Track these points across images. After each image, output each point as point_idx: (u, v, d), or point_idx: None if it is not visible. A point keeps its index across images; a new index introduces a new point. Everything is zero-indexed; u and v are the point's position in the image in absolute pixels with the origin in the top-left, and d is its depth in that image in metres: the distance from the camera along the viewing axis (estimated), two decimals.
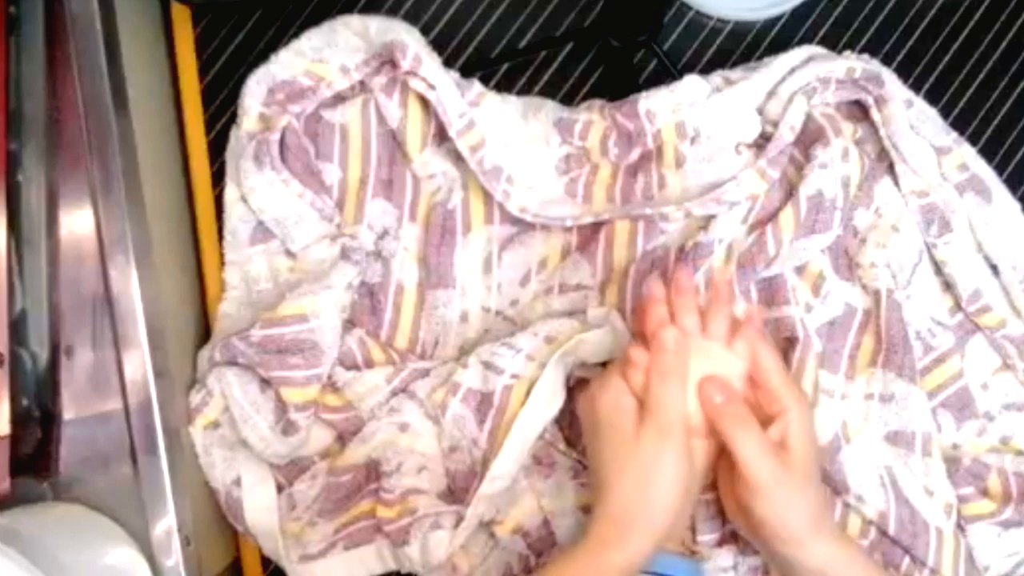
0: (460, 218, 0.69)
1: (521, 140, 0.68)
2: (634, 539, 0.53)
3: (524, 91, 0.73)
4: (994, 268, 0.66)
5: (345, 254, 0.66)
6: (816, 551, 0.55)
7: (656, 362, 0.55)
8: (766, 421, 0.56)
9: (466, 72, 0.69)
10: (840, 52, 0.69)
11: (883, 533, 0.63)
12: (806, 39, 0.73)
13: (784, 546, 0.55)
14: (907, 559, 0.63)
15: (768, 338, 0.60)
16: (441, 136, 0.68)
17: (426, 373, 0.67)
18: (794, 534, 0.54)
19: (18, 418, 0.60)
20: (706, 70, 0.69)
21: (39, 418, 0.62)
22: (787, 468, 0.54)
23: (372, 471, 0.66)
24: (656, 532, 0.54)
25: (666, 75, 0.71)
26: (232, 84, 0.71)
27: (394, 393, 0.66)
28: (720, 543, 0.64)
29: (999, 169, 0.68)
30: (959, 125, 0.69)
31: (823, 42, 0.71)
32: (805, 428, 0.56)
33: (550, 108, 0.69)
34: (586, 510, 0.64)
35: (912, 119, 0.66)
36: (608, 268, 0.67)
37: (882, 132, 0.66)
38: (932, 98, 0.69)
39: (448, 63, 0.68)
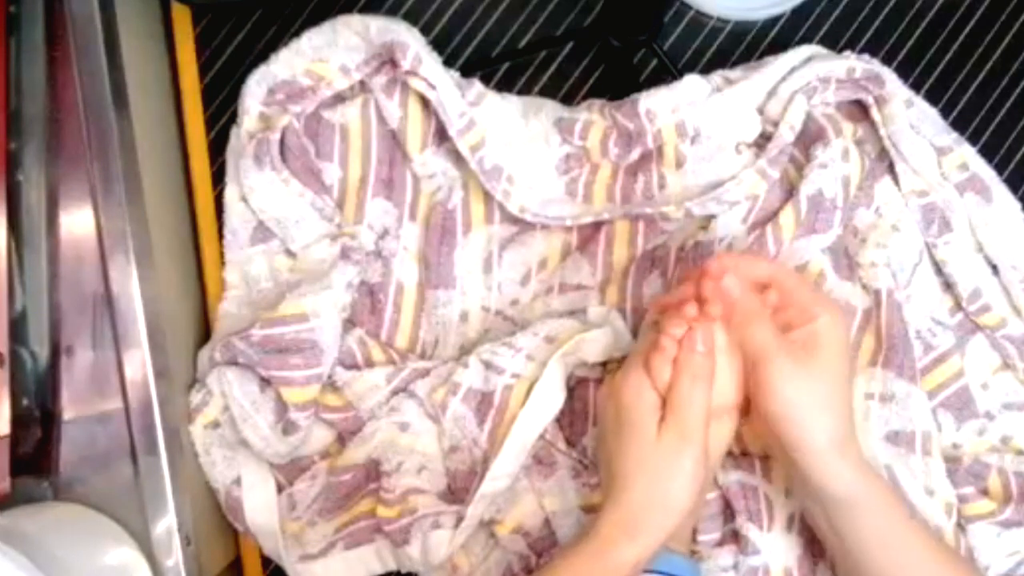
0: (460, 218, 0.69)
1: (521, 140, 0.68)
2: (645, 536, 0.53)
3: (524, 91, 0.73)
4: (994, 268, 0.66)
5: (345, 254, 0.66)
6: (842, 475, 0.53)
7: (685, 362, 0.54)
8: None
9: (466, 72, 0.69)
10: (840, 52, 0.69)
11: None
12: (806, 39, 0.73)
13: (808, 461, 0.53)
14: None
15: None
16: (441, 136, 0.68)
17: (426, 373, 0.67)
18: (816, 446, 0.53)
19: (18, 418, 0.60)
20: (706, 70, 0.69)
21: (39, 418, 0.62)
22: (807, 368, 0.53)
23: (372, 471, 0.66)
24: (667, 530, 0.53)
25: (666, 75, 0.71)
26: (232, 84, 0.71)
27: (394, 393, 0.66)
28: (720, 543, 0.64)
29: (999, 169, 0.68)
30: (959, 125, 0.69)
31: (823, 42, 0.71)
32: (834, 336, 0.54)
33: (550, 108, 0.69)
34: (587, 510, 0.64)
35: (912, 119, 0.66)
36: (608, 268, 0.67)
37: (882, 132, 0.66)
38: (932, 98, 0.69)
39: (448, 63, 0.68)
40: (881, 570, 0.54)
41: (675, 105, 0.66)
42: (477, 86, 0.68)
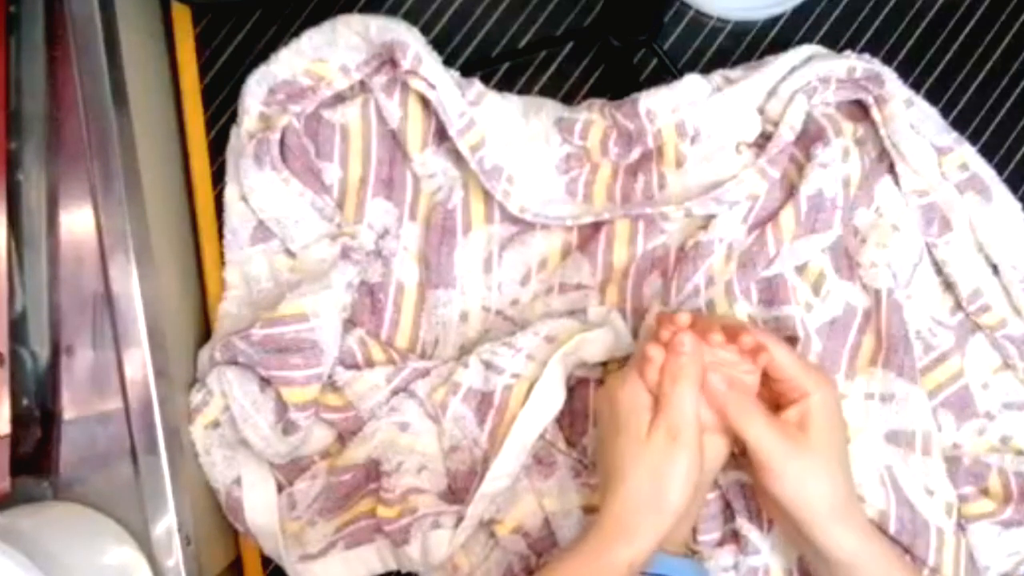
0: (460, 217, 0.69)
1: (522, 139, 0.68)
2: (641, 536, 0.54)
3: (524, 91, 0.73)
4: (994, 268, 0.66)
5: (345, 254, 0.66)
6: (844, 541, 0.54)
7: (670, 364, 0.56)
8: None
9: (466, 72, 0.69)
10: (840, 51, 0.69)
11: (883, 533, 0.63)
12: (806, 38, 0.73)
13: (810, 530, 0.55)
14: (907, 559, 0.63)
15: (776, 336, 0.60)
16: (441, 135, 0.68)
17: (426, 373, 0.67)
18: (817, 516, 0.54)
19: (18, 418, 0.60)
20: (706, 70, 0.69)
21: (39, 418, 0.62)
22: (803, 447, 0.55)
23: (372, 471, 0.66)
24: (663, 530, 0.54)
25: (666, 75, 0.71)
26: (232, 84, 0.71)
27: (394, 392, 0.66)
28: (720, 543, 0.64)
29: (999, 169, 0.68)
30: (959, 125, 0.69)
31: (823, 41, 0.71)
32: (827, 411, 0.56)
33: (550, 107, 0.69)
34: (587, 510, 0.64)
35: (912, 118, 0.66)
36: (608, 267, 0.67)
37: (882, 132, 0.66)
38: (932, 98, 0.69)
39: (448, 63, 0.68)
40: None
41: (675, 105, 0.66)
42: (477, 86, 0.68)
